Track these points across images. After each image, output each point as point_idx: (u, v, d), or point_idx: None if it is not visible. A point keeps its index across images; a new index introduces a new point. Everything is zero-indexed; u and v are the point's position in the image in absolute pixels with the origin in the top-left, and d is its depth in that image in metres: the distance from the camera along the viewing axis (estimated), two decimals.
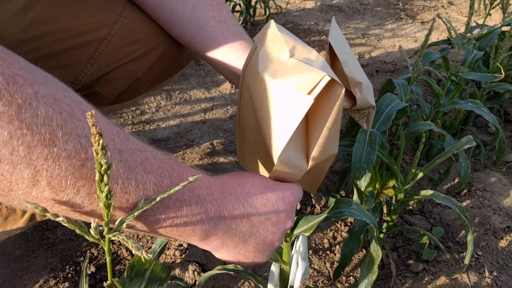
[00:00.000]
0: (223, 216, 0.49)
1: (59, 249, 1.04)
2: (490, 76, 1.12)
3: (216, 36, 0.76)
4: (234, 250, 0.53)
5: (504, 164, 1.37)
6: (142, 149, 0.44)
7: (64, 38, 0.73)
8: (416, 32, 2.43)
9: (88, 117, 0.33)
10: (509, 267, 1.04)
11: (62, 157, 0.37)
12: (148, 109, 1.62)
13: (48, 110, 0.37)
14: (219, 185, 0.51)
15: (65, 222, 0.38)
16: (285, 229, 0.55)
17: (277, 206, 0.53)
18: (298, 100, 0.48)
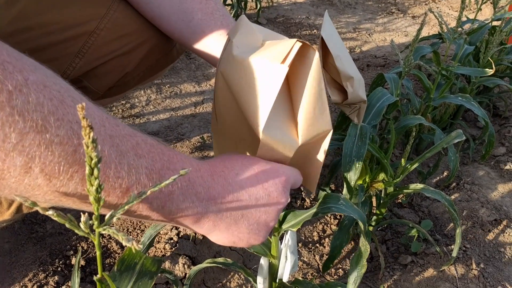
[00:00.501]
0: (213, 198, 0.49)
1: (48, 243, 1.03)
2: (480, 71, 1.13)
3: (204, 29, 0.75)
4: (227, 232, 0.53)
5: (492, 157, 1.39)
6: (132, 134, 0.44)
7: (52, 32, 0.72)
8: (407, 26, 2.44)
9: (78, 109, 0.32)
10: (496, 259, 1.05)
11: (55, 143, 0.37)
12: (138, 103, 1.61)
13: (39, 97, 0.36)
14: (208, 168, 0.50)
15: (55, 216, 0.38)
16: (278, 208, 0.54)
17: (268, 186, 0.52)
18: (273, 70, 0.48)
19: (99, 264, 0.43)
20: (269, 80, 0.48)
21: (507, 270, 1.03)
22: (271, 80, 0.48)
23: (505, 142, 1.44)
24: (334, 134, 1.00)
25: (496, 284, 0.98)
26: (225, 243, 0.55)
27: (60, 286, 0.94)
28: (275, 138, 0.52)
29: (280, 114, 0.52)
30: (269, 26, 2.29)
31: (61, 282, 0.94)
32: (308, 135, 0.54)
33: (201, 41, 0.76)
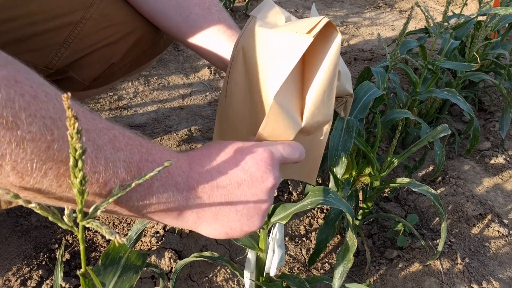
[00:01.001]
0: (192, 187, 0.48)
1: (33, 236, 1.02)
2: (466, 65, 1.13)
3: (202, 24, 0.75)
4: (215, 222, 0.50)
5: (477, 152, 1.40)
6: (109, 128, 0.43)
7: (38, 21, 0.71)
8: (394, 20, 2.45)
9: (64, 99, 0.32)
10: (481, 254, 1.06)
11: (27, 140, 0.36)
12: (126, 95, 1.60)
13: (9, 92, 0.35)
14: (185, 158, 0.49)
15: (38, 208, 0.37)
16: (267, 188, 0.51)
17: (248, 167, 0.50)
18: (297, 40, 0.47)
19: (83, 258, 0.42)
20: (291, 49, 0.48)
21: (491, 264, 1.04)
22: (293, 49, 0.47)
23: (490, 137, 1.45)
24: None
25: (481, 278, 0.99)
26: (218, 236, 0.52)
27: (44, 280, 0.93)
28: (283, 108, 0.51)
29: (292, 89, 0.51)
30: None
31: (45, 276, 0.93)
32: (311, 119, 0.53)
33: (198, 36, 0.76)
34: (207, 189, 0.48)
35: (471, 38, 1.35)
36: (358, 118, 0.95)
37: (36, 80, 0.39)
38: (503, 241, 1.10)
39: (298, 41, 0.47)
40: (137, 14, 0.82)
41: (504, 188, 1.27)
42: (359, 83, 1.19)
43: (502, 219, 1.16)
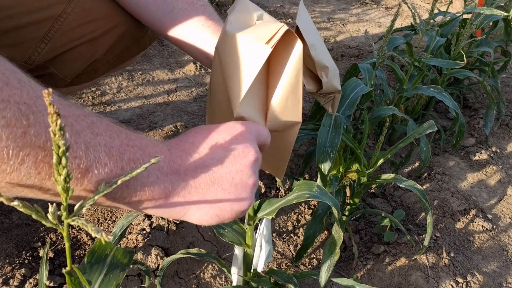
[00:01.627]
0: (175, 171, 0.47)
1: (15, 234, 1.00)
2: (452, 63, 1.14)
3: (185, 18, 0.74)
4: (204, 205, 0.49)
5: (462, 148, 1.41)
6: (86, 114, 0.42)
7: (16, 15, 0.69)
8: (380, 17, 2.45)
9: (45, 95, 0.31)
10: (465, 248, 1.07)
11: (1, 126, 0.35)
12: (109, 90, 1.58)
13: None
14: (164, 144, 0.49)
15: (21, 207, 0.36)
16: (250, 162, 0.50)
17: (227, 143, 0.50)
18: (257, 50, 0.48)
19: (68, 256, 0.41)
20: (252, 58, 0.49)
21: (475, 258, 1.05)
22: (254, 58, 0.48)
23: (475, 133, 1.47)
24: (308, 124, 1.00)
25: (466, 272, 1.00)
26: (210, 220, 0.51)
27: (27, 279, 0.91)
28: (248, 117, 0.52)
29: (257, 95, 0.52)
30: None
31: (28, 275, 0.92)
32: (275, 123, 0.54)
33: (181, 30, 0.74)
34: (190, 171, 0.48)
35: (456, 35, 1.36)
36: (345, 114, 0.95)
37: (8, 67, 0.38)
38: (487, 236, 1.11)
39: (259, 51, 0.48)
40: (120, 9, 0.81)
41: (488, 183, 1.28)
42: (346, 79, 1.19)
43: (486, 214, 1.17)
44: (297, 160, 1.29)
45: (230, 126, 0.51)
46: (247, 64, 0.50)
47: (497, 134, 1.48)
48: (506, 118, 1.53)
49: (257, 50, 0.48)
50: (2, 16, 0.68)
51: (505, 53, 1.62)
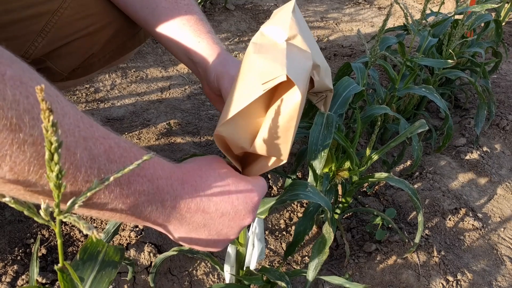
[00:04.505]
0: (178, 207, 0.49)
1: (7, 231, 1.00)
2: (442, 62, 1.15)
3: (168, 17, 0.74)
4: (185, 235, 0.53)
5: (453, 148, 1.43)
6: (105, 137, 0.43)
7: (13, 9, 0.69)
8: (373, 17, 2.46)
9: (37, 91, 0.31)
10: (456, 247, 1.08)
11: (28, 143, 0.36)
12: (103, 87, 1.57)
13: (15, 94, 0.35)
14: (180, 175, 0.50)
15: (12, 203, 0.36)
16: (243, 225, 0.55)
17: (238, 203, 0.53)
18: (254, 85, 0.49)
19: (60, 253, 0.41)
20: (250, 89, 0.49)
21: (466, 257, 1.06)
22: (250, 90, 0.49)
23: (466, 133, 1.48)
24: (301, 122, 1.01)
25: (456, 270, 1.01)
26: (184, 244, 0.55)
27: (19, 276, 0.91)
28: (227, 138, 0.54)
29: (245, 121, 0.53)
30: (237, 12, 2.27)
31: (20, 272, 0.92)
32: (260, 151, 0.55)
33: (164, 29, 0.74)
34: (192, 211, 0.51)
35: (448, 36, 1.37)
36: (338, 113, 0.95)
37: (40, 81, 0.38)
38: (477, 234, 1.12)
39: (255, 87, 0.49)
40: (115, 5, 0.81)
41: (479, 183, 1.29)
42: (338, 78, 1.19)
43: (476, 213, 1.18)
44: (290, 158, 1.29)
45: (249, 188, 0.54)
46: (244, 90, 0.50)
47: (487, 134, 1.49)
48: (497, 118, 1.55)
49: (254, 84, 0.49)
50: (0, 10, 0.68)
51: (496, 54, 1.63)
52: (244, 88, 0.51)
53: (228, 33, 2.09)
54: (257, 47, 0.53)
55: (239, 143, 0.54)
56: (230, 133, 0.53)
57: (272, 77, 0.48)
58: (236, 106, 0.50)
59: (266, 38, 0.55)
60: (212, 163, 0.55)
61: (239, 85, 0.53)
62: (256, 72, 0.50)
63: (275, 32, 0.55)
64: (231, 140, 0.54)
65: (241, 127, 0.53)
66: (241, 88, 0.52)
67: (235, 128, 0.52)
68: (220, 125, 0.52)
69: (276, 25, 0.55)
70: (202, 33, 0.73)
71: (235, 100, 0.51)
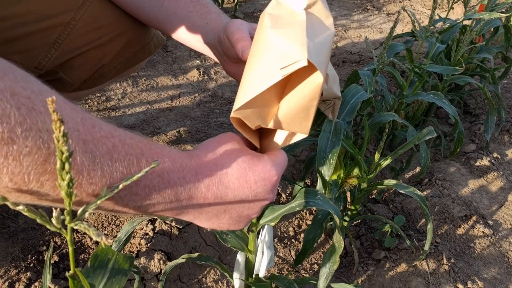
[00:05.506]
0: (194, 197, 0.49)
1: (21, 238, 1.02)
2: (451, 69, 1.15)
3: (175, 9, 0.75)
4: (207, 222, 0.53)
5: (463, 154, 1.42)
6: (108, 136, 0.43)
7: (28, 22, 0.71)
8: (382, 23, 2.47)
9: (48, 102, 0.32)
10: (466, 254, 1.08)
11: (23, 155, 0.36)
12: (114, 96, 1.59)
13: (5, 107, 0.35)
14: (193, 165, 0.49)
15: (25, 211, 0.37)
16: (263, 204, 0.55)
17: (256, 186, 0.52)
18: (273, 68, 0.47)
19: (72, 260, 0.42)
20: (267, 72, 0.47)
21: (476, 264, 1.05)
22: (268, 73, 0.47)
23: (475, 139, 1.47)
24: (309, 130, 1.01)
25: (466, 278, 1.00)
26: (205, 227, 0.55)
27: (32, 283, 0.92)
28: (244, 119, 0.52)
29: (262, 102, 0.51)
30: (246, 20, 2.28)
31: (33, 278, 0.93)
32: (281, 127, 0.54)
33: (174, 22, 0.76)
34: (210, 200, 0.50)
35: (456, 42, 1.37)
36: (346, 120, 0.96)
37: (35, 89, 0.38)
38: (488, 242, 1.12)
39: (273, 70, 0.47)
40: (127, 16, 0.83)
41: (489, 189, 1.28)
42: (347, 86, 1.20)
43: (486, 220, 1.18)
44: (298, 165, 1.30)
45: (267, 169, 0.53)
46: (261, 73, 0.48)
47: (497, 140, 1.49)
48: (507, 124, 1.54)
49: (272, 68, 0.47)
50: (14, 23, 0.70)
51: (506, 59, 1.62)
52: (261, 69, 0.49)
53: None
54: (274, 20, 0.50)
55: (256, 122, 0.53)
56: (246, 115, 0.51)
57: (292, 61, 0.46)
58: (253, 90, 0.48)
59: (283, 7, 0.52)
60: (227, 144, 0.54)
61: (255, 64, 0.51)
62: (274, 53, 0.47)
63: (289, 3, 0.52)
64: (248, 121, 0.52)
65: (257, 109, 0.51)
66: (258, 69, 0.49)
67: (251, 110, 0.51)
68: (236, 108, 0.50)
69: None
70: (209, 13, 0.74)
71: (251, 81, 0.50)
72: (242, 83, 0.52)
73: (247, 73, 0.52)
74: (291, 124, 0.53)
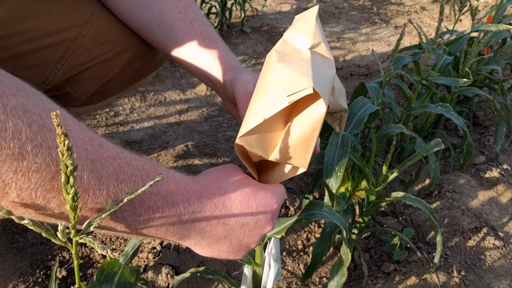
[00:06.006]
0: (197, 220, 0.50)
1: (29, 253, 1.02)
2: (457, 81, 1.15)
3: (184, 38, 0.76)
4: (207, 248, 0.54)
5: (472, 166, 1.41)
6: (115, 157, 0.44)
7: (34, 38, 0.72)
8: (389, 36, 2.47)
9: (53, 116, 0.32)
10: (477, 267, 1.06)
11: (32, 171, 0.37)
12: (122, 111, 1.61)
13: (17, 123, 0.36)
14: (197, 189, 0.50)
15: (31, 225, 0.38)
16: (263, 233, 0.56)
17: (258, 214, 0.53)
18: (279, 95, 0.48)
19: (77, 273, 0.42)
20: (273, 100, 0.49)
21: (487, 277, 1.04)
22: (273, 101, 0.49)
23: (485, 151, 1.46)
24: None
25: None
26: (204, 255, 0.56)
27: None
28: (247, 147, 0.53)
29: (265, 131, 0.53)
30: (254, 35, 2.30)
31: None
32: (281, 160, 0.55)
33: (181, 50, 0.77)
34: (212, 224, 0.51)
35: (464, 53, 1.37)
36: (353, 133, 0.96)
37: (46, 107, 0.39)
38: (499, 254, 1.10)
39: (279, 97, 0.48)
40: (132, 31, 0.84)
41: (499, 201, 1.27)
42: (354, 98, 1.20)
43: (497, 232, 1.16)
44: (306, 178, 1.29)
45: (268, 197, 0.54)
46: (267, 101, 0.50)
47: (507, 151, 1.47)
48: None
49: (278, 95, 0.49)
50: (22, 40, 0.71)
51: None
52: (267, 98, 0.50)
53: (245, 56, 2.12)
54: (280, 56, 0.53)
55: (258, 152, 0.54)
56: (250, 143, 0.53)
57: (298, 89, 0.47)
58: (259, 116, 0.50)
59: (289, 46, 0.55)
60: (230, 172, 0.55)
61: (262, 94, 0.52)
62: (281, 83, 0.49)
63: (298, 39, 0.54)
64: (251, 149, 0.54)
65: (261, 137, 0.53)
66: (264, 98, 0.51)
67: (255, 138, 0.52)
68: (241, 135, 0.52)
69: (299, 32, 0.55)
70: (217, 51, 0.75)
71: (257, 110, 0.51)
72: (248, 112, 0.54)
73: (254, 103, 0.54)
74: (291, 156, 0.54)
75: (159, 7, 0.77)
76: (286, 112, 0.53)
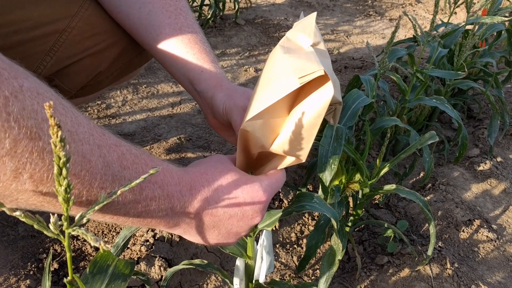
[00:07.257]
0: (187, 212, 0.51)
1: (20, 246, 1.01)
2: (453, 73, 1.14)
3: (171, 45, 0.73)
4: (196, 237, 0.55)
5: (466, 159, 1.41)
6: (117, 144, 0.45)
7: (22, 30, 0.71)
8: (384, 29, 2.47)
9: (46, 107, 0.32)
10: (470, 259, 1.07)
11: (46, 151, 0.37)
12: (114, 103, 1.59)
13: (33, 103, 0.36)
14: (188, 181, 0.51)
15: (22, 217, 0.37)
16: (252, 224, 0.56)
17: (245, 205, 0.54)
18: (289, 79, 0.49)
19: (69, 266, 0.42)
20: (282, 84, 0.50)
21: (480, 269, 1.04)
22: (283, 85, 0.50)
23: (479, 144, 1.47)
24: None
25: (470, 283, 0.99)
26: (194, 242, 0.57)
27: None
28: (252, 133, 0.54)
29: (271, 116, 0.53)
30: (248, 27, 2.29)
31: (33, 286, 0.92)
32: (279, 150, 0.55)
33: (167, 57, 0.74)
34: (200, 215, 0.52)
35: (459, 46, 1.37)
36: (347, 125, 0.95)
37: (53, 93, 0.41)
38: (492, 246, 1.11)
39: (289, 81, 0.49)
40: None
41: (493, 194, 1.28)
42: (348, 91, 1.19)
43: (490, 225, 1.17)
44: (300, 171, 1.29)
45: (255, 189, 0.55)
46: (276, 85, 0.51)
47: (501, 144, 1.48)
48: (511, 128, 1.53)
49: (289, 79, 0.49)
50: (9, 31, 0.69)
51: (509, 63, 1.62)
52: (275, 84, 0.51)
53: (239, 48, 2.11)
54: (286, 49, 0.54)
55: (261, 140, 0.55)
56: (256, 128, 0.53)
57: (308, 72, 0.48)
58: (268, 99, 0.50)
59: (292, 43, 0.56)
60: (218, 164, 0.56)
61: (268, 82, 0.53)
62: (290, 68, 0.50)
63: (300, 38, 0.56)
64: (254, 137, 0.54)
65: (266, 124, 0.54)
66: (272, 85, 0.52)
67: (261, 124, 0.53)
68: (248, 119, 0.52)
69: (300, 32, 0.57)
70: (205, 62, 0.72)
71: (264, 96, 0.52)
72: (255, 99, 0.54)
73: (259, 91, 0.54)
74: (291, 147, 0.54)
75: (148, 9, 0.75)
76: (290, 101, 0.54)
